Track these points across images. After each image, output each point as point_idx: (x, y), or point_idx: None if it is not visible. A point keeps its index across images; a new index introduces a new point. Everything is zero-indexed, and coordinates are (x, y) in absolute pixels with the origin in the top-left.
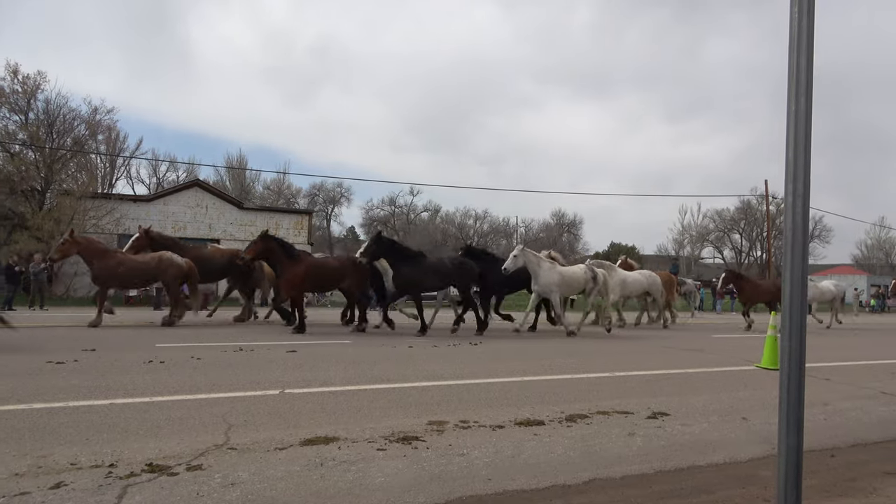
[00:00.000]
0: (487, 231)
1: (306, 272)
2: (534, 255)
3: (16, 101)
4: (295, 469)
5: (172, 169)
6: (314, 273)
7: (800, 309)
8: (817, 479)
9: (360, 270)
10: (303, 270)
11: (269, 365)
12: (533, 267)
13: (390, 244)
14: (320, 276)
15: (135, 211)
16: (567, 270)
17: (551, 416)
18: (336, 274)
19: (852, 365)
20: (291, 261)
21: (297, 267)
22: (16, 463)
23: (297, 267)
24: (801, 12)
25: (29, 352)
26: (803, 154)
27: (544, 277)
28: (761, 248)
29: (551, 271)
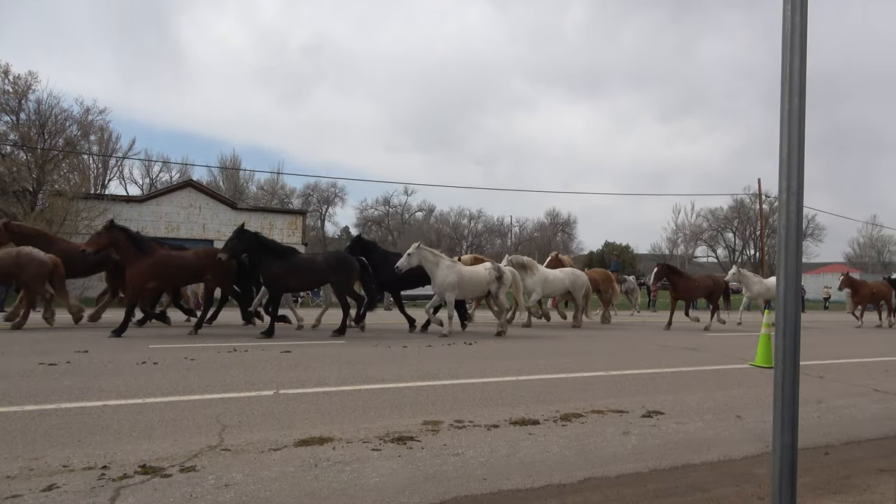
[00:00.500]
0: (482, 231)
1: (155, 266)
2: (431, 254)
3: (7, 101)
4: (289, 470)
5: (165, 169)
6: (166, 267)
7: (794, 307)
8: (811, 477)
9: (223, 266)
10: (151, 264)
11: (263, 365)
12: (430, 266)
13: (254, 239)
14: (174, 270)
15: (128, 212)
16: (468, 270)
17: (546, 416)
18: (193, 268)
19: (846, 363)
20: (141, 253)
21: (147, 260)
22: (7, 465)
23: (147, 260)
24: (794, 10)
25: (20, 353)
26: (797, 152)
27: (441, 277)
28: (755, 247)
29: (449, 271)
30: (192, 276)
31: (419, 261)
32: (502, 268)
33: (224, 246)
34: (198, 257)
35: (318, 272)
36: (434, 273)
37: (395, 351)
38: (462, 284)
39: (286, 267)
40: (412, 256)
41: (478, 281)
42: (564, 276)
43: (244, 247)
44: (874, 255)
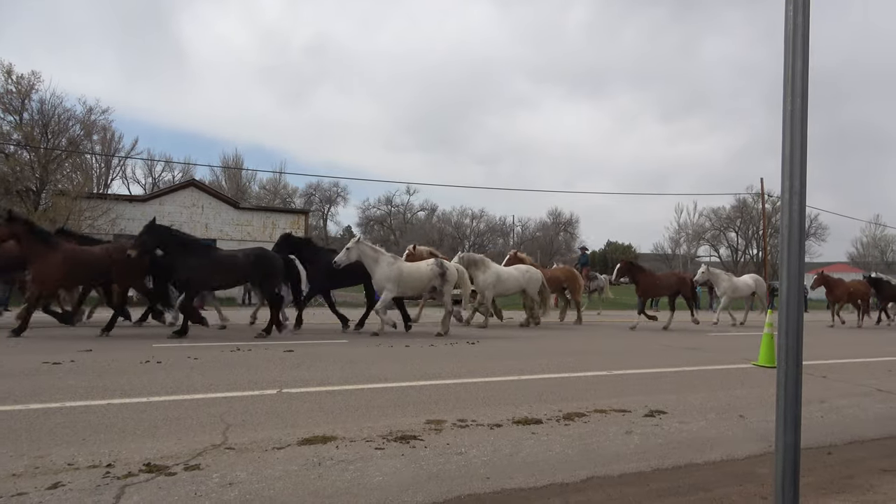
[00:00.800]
0: (484, 230)
1: (61, 262)
2: (371, 249)
3: (10, 101)
4: (293, 468)
5: (168, 169)
6: (73, 263)
7: (796, 307)
8: (814, 477)
9: (133, 262)
10: (57, 260)
11: (266, 364)
12: (369, 261)
13: (167, 233)
14: (79, 266)
15: (130, 211)
16: (409, 267)
17: (549, 415)
18: (99, 265)
19: (849, 362)
20: (46, 248)
21: (53, 256)
22: (13, 463)
23: (53, 256)
24: (796, 10)
25: (25, 352)
26: (799, 152)
27: (380, 273)
28: (757, 247)
29: (389, 267)
30: (98, 273)
31: (359, 256)
32: (447, 264)
33: (134, 241)
34: (107, 253)
35: (238, 270)
36: (373, 269)
37: (398, 350)
38: (402, 280)
39: (202, 264)
40: (351, 251)
41: (419, 277)
42: (519, 273)
43: (156, 242)
44: (877, 255)
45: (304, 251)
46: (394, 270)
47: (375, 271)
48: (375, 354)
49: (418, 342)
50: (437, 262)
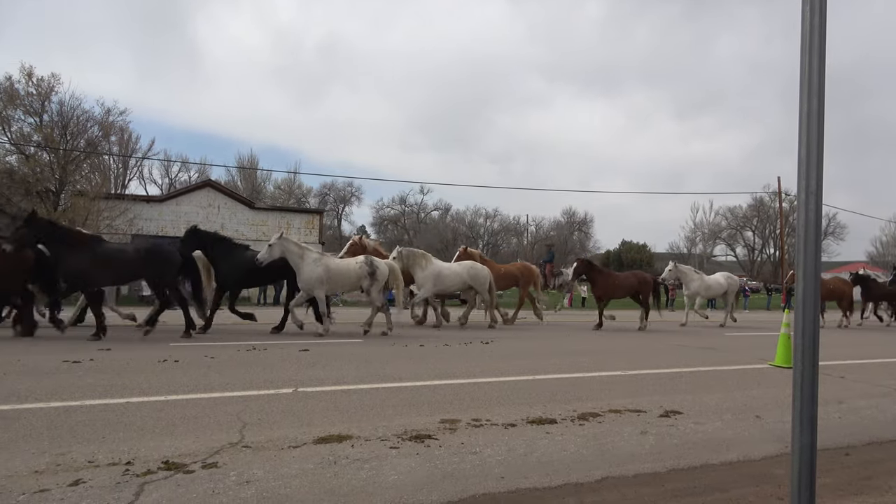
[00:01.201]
0: (498, 230)
1: None
2: (296, 246)
3: (30, 103)
4: (309, 467)
5: (184, 169)
6: None
7: (813, 307)
8: (832, 478)
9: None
10: None
11: (282, 363)
12: (294, 259)
13: (48, 226)
14: None
15: (148, 211)
16: (337, 264)
17: (563, 415)
18: None
19: (867, 363)
20: None
21: None
22: (35, 460)
23: None
24: (813, 11)
25: (45, 351)
26: (816, 152)
27: (306, 272)
28: (774, 246)
29: (315, 265)
30: None
31: (282, 253)
32: (376, 263)
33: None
34: None
35: (128, 265)
36: (299, 267)
37: (412, 350)
38: (330, 279)
39: (89, 259)
40: (274, 248)
41: (348, 275)
42: (462, 269)
43: (35, 235)
44: None
45: (216, 247)
46: (320, 268)
47: (301, 269)
48: (390, 354)
49: (432, 342)
50: (366, 260)
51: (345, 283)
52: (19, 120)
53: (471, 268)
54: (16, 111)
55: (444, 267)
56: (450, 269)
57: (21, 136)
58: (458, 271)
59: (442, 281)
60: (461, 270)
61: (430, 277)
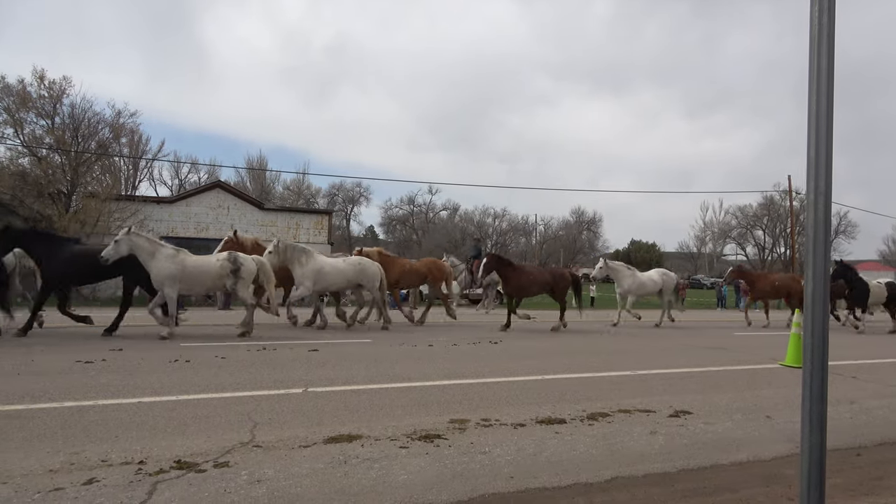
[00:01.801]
0: (507, 229)
1: None
2: (147, 241)
3: (42, 105)
4: (319, 466)
5: (194, 170)
6: None
7: (822, 306)
8: (843, 478)
9: None
10: None
11: (292, 364)
12: (144, 255)
13: None
14: None
15: (158, 212)
16: (194, 261)
17: (573, 415)
18: None
19: (879, 363)
20: None
21: None
22: (49, 459)
23: None
24: (822, 10)
25: (58, 351)
26: (825, 153)
27: (157, 269)
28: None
29: (169, 261)
30: None
31: (130, 249)
32: (241, 259)
33: None
34: None
35: None
36: (149, 263)
37: (421, 350)
38: (186, 277)
39: None
40: (120, 244)
41: (206, 273)
42: (347, 266)
43: None
44: None
45: (36, 244)
46: (174, 265)
47: (152, 266)
48: (399, 354)
49: (441, 342)
50: (229, 256)
51: (204, 282)
52: (32, 122)
53: (357, 264)
54: (28, 114)
55: (327, 263)
56: (333, 265)
57: (33, 139)
58: (343, 268)
59: (324, 278)
60: (346, 267)
61: (309, 274)
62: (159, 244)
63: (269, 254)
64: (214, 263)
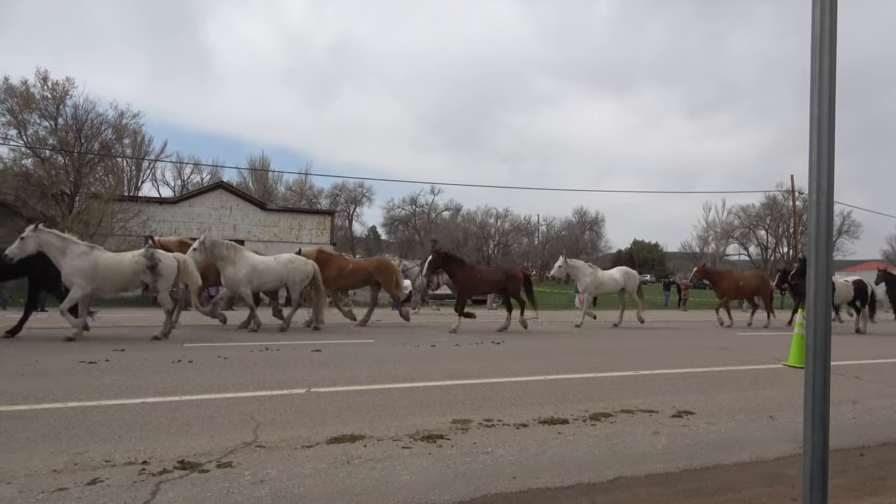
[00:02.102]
0: (509, 230)
1: None
2: (57, 238)
3: (46, 107)
4: (322, 467)
5: (196, 171)
6: None
7: (824, 306)
8: (846, 479)
9: None
10: None
11: (294, 364)
12: (54, 253)
13: None
14: None
15: (161, 213)
16: (106, 258)
17: (575, 415)
18: None
19: (882, 363)
20: None
21: None
22: (53, 459)
23: None
24: (823, 12)
25: (62, 351)
26: (826, 154)
27: (68, 266)
28: (788, 245)
29: (81, 259)
30: None
31: (39, 246)
32: (159, 255)
33: None
34: None
35: None
36: (60, 261)
37: (424, 350)
38: (97, 275)
39: None
40: (27, 241)
41: (120, 271)
42: (278, 265)
43: None
44: None
45: None
46: (85, 263)
47: (63, 264)
48: (402, 354)
49: (444, 342)
50: (145, 253)
51: (119, 280)
52: (35, 123)
53: (289, 262)
54: (31, 115)
55: (259, 262)
56: (265, 264)
57: (37, 140)
58: (275, 267)
59: (258, 276)
60: (277, 266)
61: (242, 275)
62: (71, 241)
63: (193, 251)
64: (129, 260)
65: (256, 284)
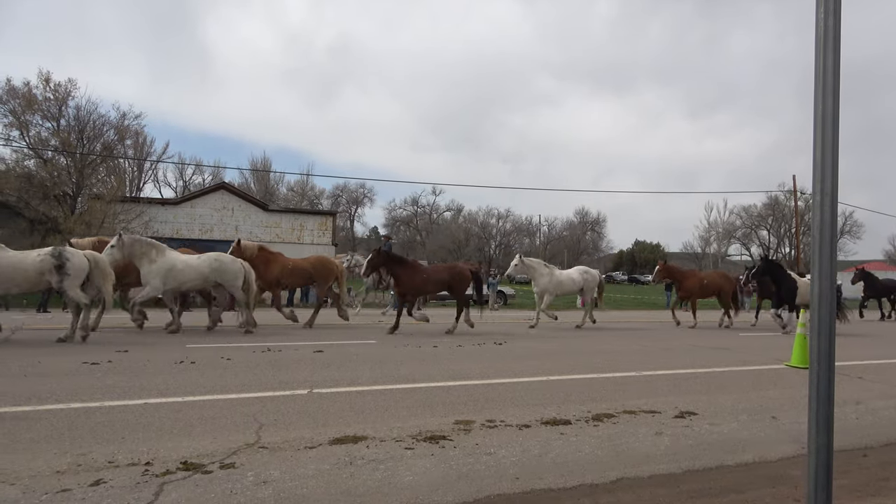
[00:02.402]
0: (510, 230)
1: None
2: None
3: (48, 108)
4: (325, 467)
5: (198, 172)
6: None
7: (829, 307)
8: (849, 479)
9: None
10: None
11: (296, 365)
12: None
13: None
14: None
15: (163, 214)
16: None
17: (578, 416)
18: None
19: (886, 363)
20: None
21: None
22: (57, 461)
23: None
24: (828, 12)
25: (64, 353)
26: (831, 153)
27: None
28: (790, 245)
29: None
30: None
31: None
32: (67, 252)
33: None
34: None
35: None
36: None
37: (426, 351)
38: None
39: None
40: None
41: (22, 270)
42: (201, 263)
43: None
44: None
45: None
46: None
47: None
48: (404, 355)
49: (446, 343)
50: (53, 251)
51: (20, 280)
52: (37, 125)
53: (214, 260)
54: (34, 116)
55: (179, 260)
56: (186, 262)
57: (39, 141)
58: (197, 265)
59: (175, 277)
60: (200, 264)
61: (158, 272)
62: None
63: (111, 248)
64: (34, 259)
65: (173, 284)
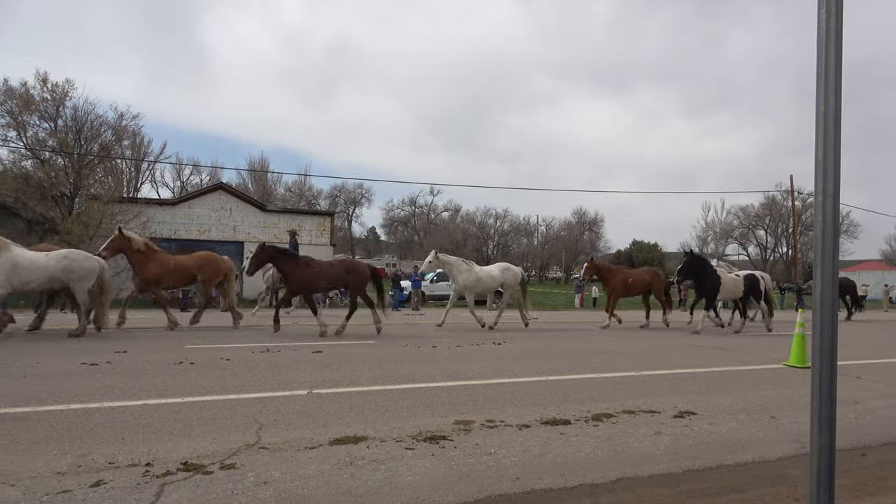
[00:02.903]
0: (508, 230)
1: None
2: None
3: (45, 108)
4: (325, 468)
5: (196, 172)
6: None
7: (831, 308)
8: (848, 479)
9: None
10: None
11: (296, 365)
12: None
13: None
14: None
15: (161, 214)
16: None
17: (577, 416)
18: None
19: (883, 363)
20: None
21: None
22: (57, 462)
23: None
24: (829, 13)
25: (64, 353)
26: (833, 153)
27: None
28: (787, 245)
29: None
30: None
31: None
32: None
33: None
34: None
35: None
36: None
37: (425, 351)
38: None
39: None
40: None
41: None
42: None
43: None
44: None
45: None
46: None
47: None
48: (403, 355)
49: (445, 343)
50: None
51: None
52: (35, 125)
53: (63, 258)
54: (31, 116)
55: (25, 258)
56: (32, 260)
57: (36, 141)
58: (44, 264)
59: (18, 275)
60: (48, 263)
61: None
62: None
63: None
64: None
65: (18, 284)
